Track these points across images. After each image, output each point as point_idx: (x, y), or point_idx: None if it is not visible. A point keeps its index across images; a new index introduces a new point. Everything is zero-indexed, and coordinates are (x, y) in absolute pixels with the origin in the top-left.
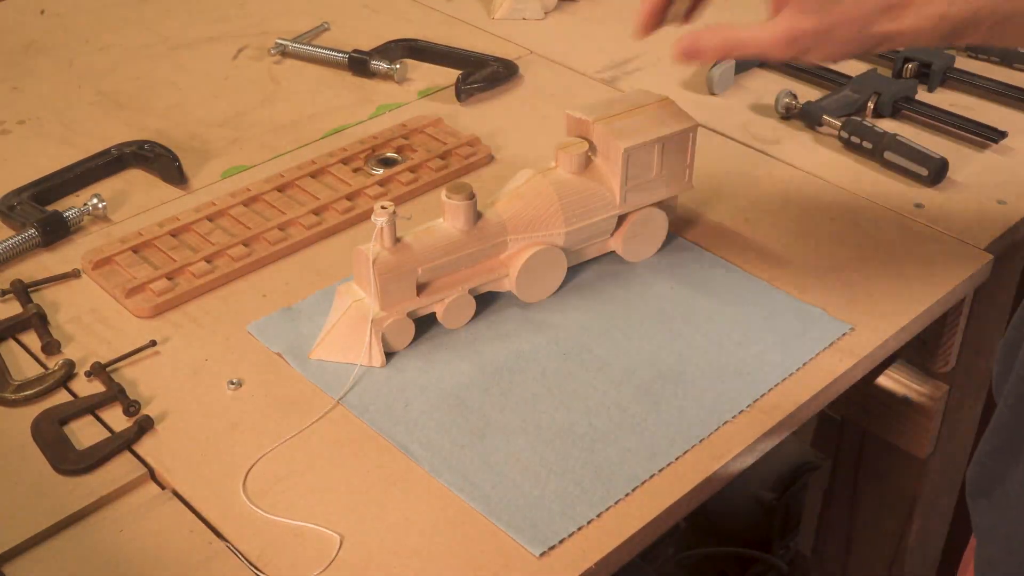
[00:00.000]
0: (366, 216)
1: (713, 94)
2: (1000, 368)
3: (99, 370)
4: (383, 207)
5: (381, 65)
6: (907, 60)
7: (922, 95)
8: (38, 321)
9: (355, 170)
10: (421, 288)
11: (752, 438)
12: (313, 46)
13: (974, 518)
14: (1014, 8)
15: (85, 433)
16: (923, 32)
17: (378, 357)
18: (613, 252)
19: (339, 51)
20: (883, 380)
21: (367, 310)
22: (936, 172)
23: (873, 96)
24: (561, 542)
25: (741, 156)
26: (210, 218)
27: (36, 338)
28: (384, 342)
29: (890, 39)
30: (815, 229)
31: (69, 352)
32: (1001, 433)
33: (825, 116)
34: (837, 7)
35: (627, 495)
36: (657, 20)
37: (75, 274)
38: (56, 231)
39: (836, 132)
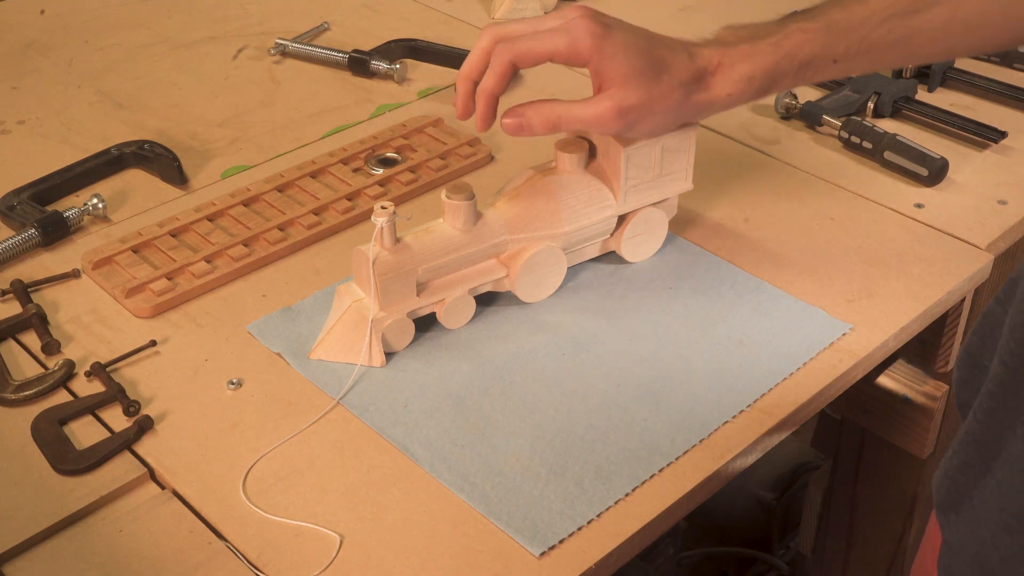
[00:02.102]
0: (366, 216)
1: None
2: (961, 374)
3: (99, 370)
4: (383, 207)
5: (381, 65)
6: None
7: (922, 95)
8: (38, 321)
9: (355, 170)
10: (421, 288)
11: (752, 438)
12: (313, 46)
13: (943, 532)
14: (811, 53)
15: (85, 433)
16: (736, 94)
17: (378, 357)
18: (613, 252)
19: (339, 51)
20: (883, 380)
21: (367, 310)
22: (936, 172)
23: (873, 96)
24: (561, 542)
25: (741, 156)
26: (210, 218)
27: (36, 338)
28: (384, 342)
29: (709, 106)
30: (815, 229)
31: (69, 352)
32: (970, 448)
33: (825, 116)
34: (654, 86)
35: (627, 495)
36: (473, 104)
37: (75, 274)
38: (56, 231)
39: (836, 132)
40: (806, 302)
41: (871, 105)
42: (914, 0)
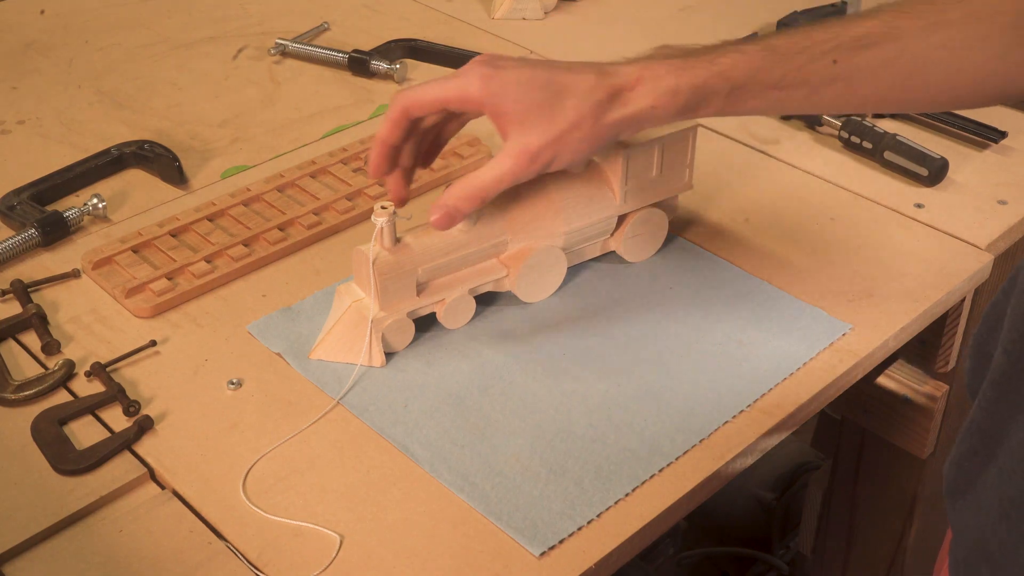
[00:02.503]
0: (366, 216)
1: None
2: (972, 364)
3: (99, 370)
4: (383, 207)
5: (381, 65)
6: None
7: None
8: (38, 321)
9: (355, 170)
10: (421, 288)
11: (752, 438)
12: (313, 46)
13: (950, 518)
14: (745, 76)
15: (85, 433)
16: (659, 109)
17: (378, 357)
18: (613, 252)
19: (339, 51)
20: (883, 380)
21: (367, 310)
22: (936, 172)
23: None
24: (561, 542)
25: (741, 156)
26: (210, 218)
27: (36, 338)
28: (384, 342)
29: (629, 123)
30: (815, 229)
31: (69, 352)
32: (975, 436)
33: (825, 116)
34: (558, 115)
35: (627, 495)
36: (386, 166)
37: (75, 274)
38: (56, 231)
39: (836, 132)
40: (806, 302)
41: None
42: (859, 38)
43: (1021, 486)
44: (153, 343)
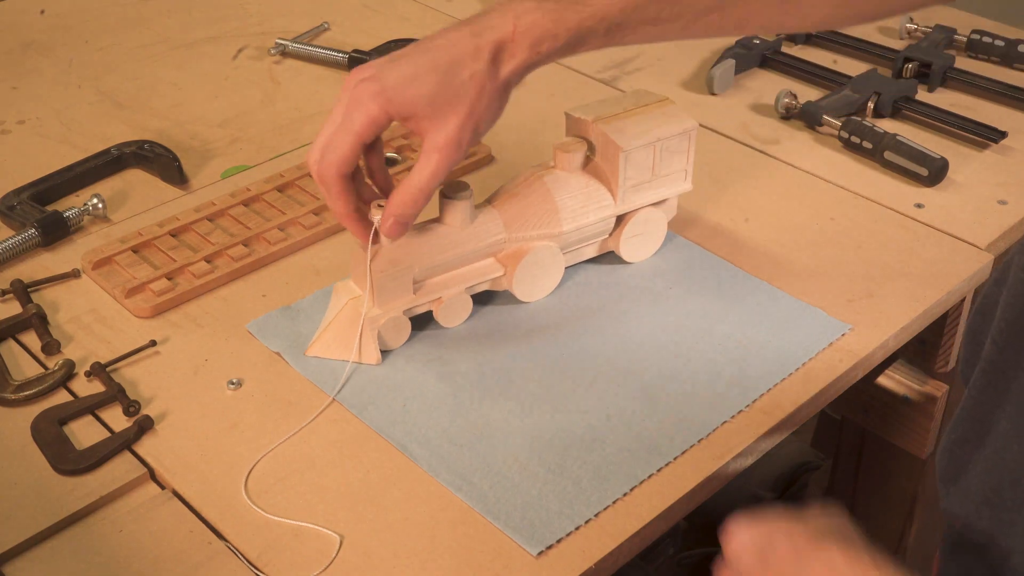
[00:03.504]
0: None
1: (713, 94)
2: (965, 353)
3: (99, 370)
4: (380, 205)
5: None
6: (907, 60)
7: (922, 95)
8: (38, 321)
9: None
10: (418, 286)
11: (752, 438)
12: (313, 46)
13: (942, 504)
14: (623, 16)
15: (85, 433)
16: (543, 54)
17: (373, 355)
18: (612, 252)
19: (339, 51)
20: (883, 380)
21: (363, 307)
22: (936, 172)
23: (873, 96)
24: (559, 542)
25: (741, 156)
26: (210, 218)
27: (36, 338)
28: (380, 340)
29: (520, 72)
30: (815, 229)
31: (69, 352)
32: (966, 423)
33: (825, 116)
34: (460, 93)
35: (626, 495)
36: (361, 224)
37: (75, 274)
38: (56, 231)
39: (836, 132)
40: (806, 302)
41: (871, 105)
42: None
43: (1003, 473)
44: (153, 343)
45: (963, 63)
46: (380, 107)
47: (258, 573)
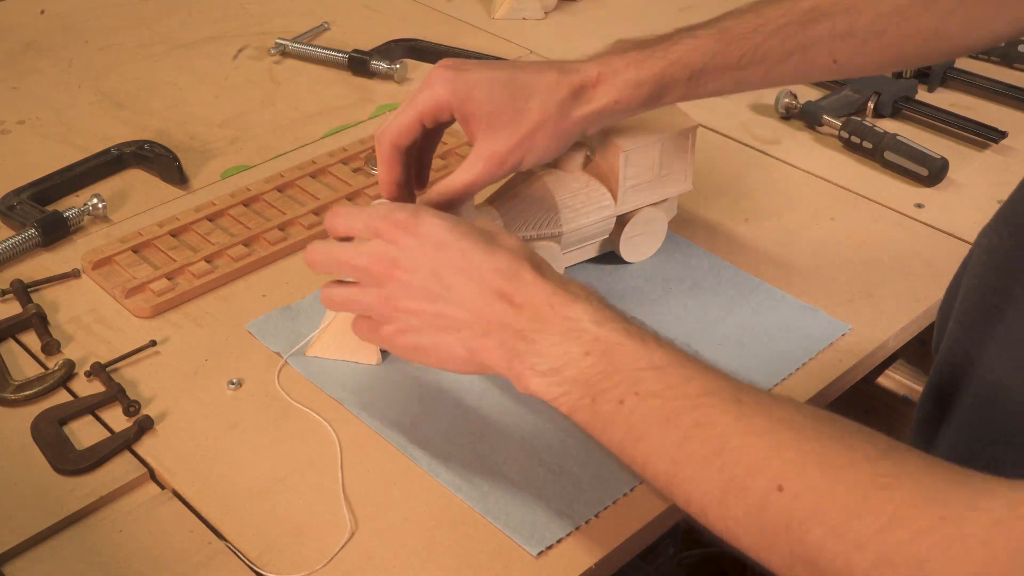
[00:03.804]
0: None
1: None
2: (936, 333)
3: (99, 370)
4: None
5: (381, 65)
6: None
7: (922, 95)
8: (38, 321)
9: (355, 170)
10: None
11: None
12: (313, 46)
13: None
14: (702, 61)
15: (85, 433)
16: (623, 103)
17: (373, 355)
18: (613, 252)
19: (339, 51)
20: (883, 380)
21: None
22: (936, 172)
23: (873, 96)
24: (559, 542)
25: (741, 156)
26: (210, 218)
27: (36, 338)
28: None
29: (594, 119)
30: (815, 229)
31: (69, 352)
32: (931, 401)
33: (825, 116)
34: (523, 116)
35: (626, 495)
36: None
37: (75, 274)
38: (56, 231)
39: (836, 132)
40: (806, 302)
41: (871, 105)
42: (809, 11)
43: (964, 451)
44: (153, 343)
45: (963, 63)
46: (446, 93)
47: (258, 573)
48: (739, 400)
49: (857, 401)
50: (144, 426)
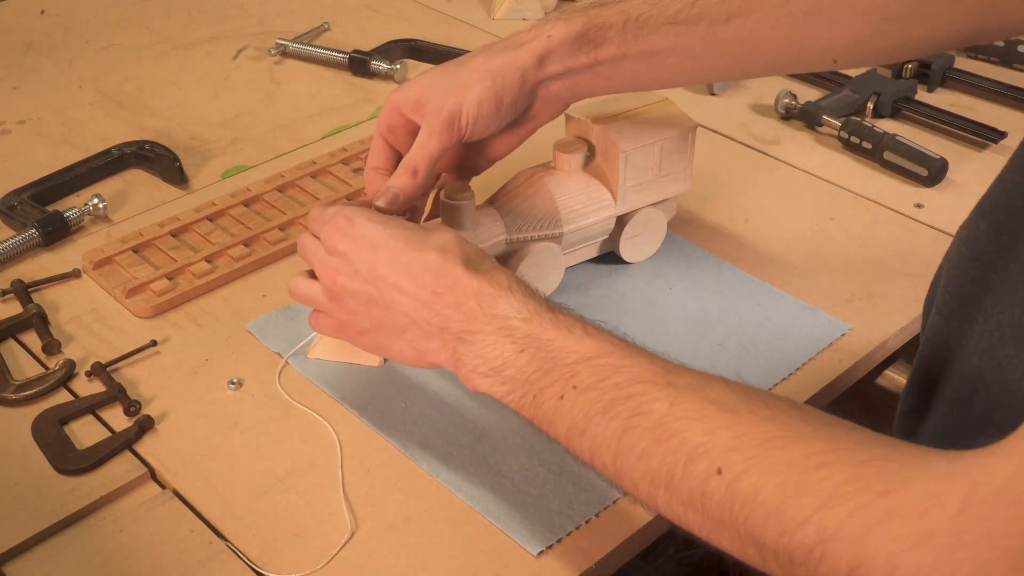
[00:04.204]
0: None
1: (713, 94)
2: (921, 328)
3: (99, 370)
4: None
5: (381, 65)
6: (906, 60)
7: (922, 95)
8: (38, 321)
9: (355, 170)
10: None
11: None
12: (313, 46)
13: None
14: (640, 11)
15: (85, 433)
16: (554, 39)
17: (375, 357)
18: (612, 252)
19: (339, 51)
20: (883, 380)
21: None
22: (936, 172)
23: (873, 96)
24: (559, 542)
25: (741, 156)
26: (210, 218)
27: (36, 338)
28: None
29: (526, 60)
30: (815, 229)
31: (69, 352)
32: (914, 392)
33: (825, 116)
34: (457, 77)
35: (626, 494)
36: (376, 185)
37: (75, 274)
38: (56, 231)
39: (836, 132)
40: (806, 302)
41: (871, 105)
42: None
43: (946, 443)
44: (153, 343)
45: (962, 63)
46: (392, 100)
47: (258, 573)
48: (672, 384)
49: (857, 401)
50: (144, 426)
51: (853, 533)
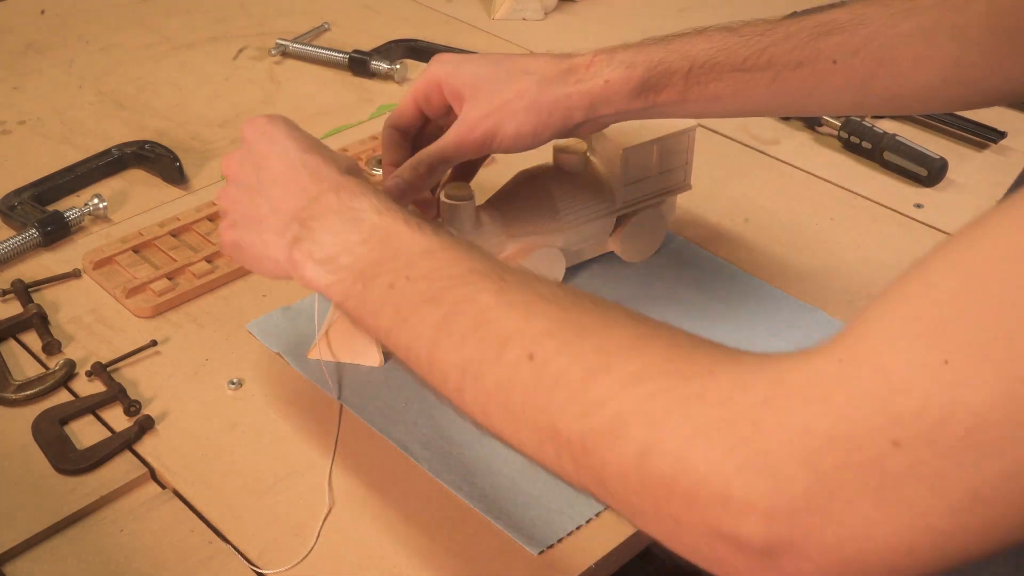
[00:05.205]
0: None
1: None
2: None
3: (100, 370)
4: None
5: (381, 65)
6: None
7: None
8: (39, 321)
9: None
10: None
11: None
12: (313, 46)
13: None
14: (707, 55)
15: (85, 433)
16: (613, 83)
17: (376, 356)
18: (612, 252)
19: (339, 51)
20: None
21: None
22: (936, 172)
23: None
24: (560, 541)
25: (741, 156)
26: (210, 218)
27: (37, 338)
28: None
29: (579, 99)
30: (815, 229)
31: (70, 352)
32: None
33: (824, 116)
34: (505, 87)
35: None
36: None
37: (76, 274)
38: (57, 231)
39: (836, 132)
40: (806, 302)
41: None
42: (824, 23)
43: None
44: (154, 343)
45: None
46: (438, 71)
47: (258, 573)
48: (502, 278)
49: None
50: (145, 426)
51: (649, 415)
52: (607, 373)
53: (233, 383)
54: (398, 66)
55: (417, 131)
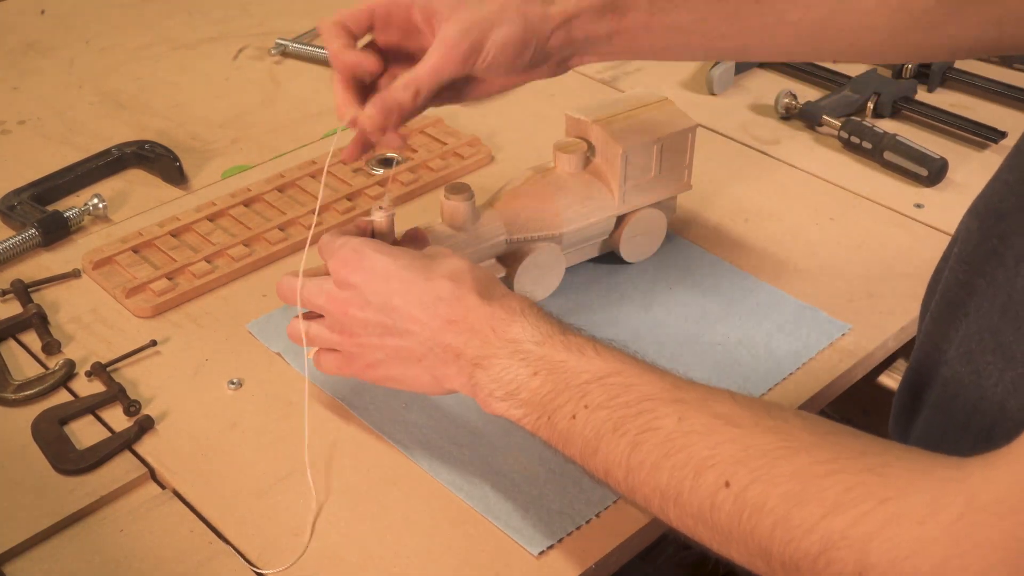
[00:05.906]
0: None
1: (713, 94)
2: (918, 325)
3: (99, 370)
4: (380, 207)
5: None
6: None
7: (922, 95)
8: (38, 321)
9: (355, 170)
10: None
11: None
12: (313, 46)
13: None
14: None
15: (85, 433)
16: (584, 2)
17: None
18: (612, 252)
19: None
20: (883, 380)
21: None
22: (936, 172)
23: (873, 96)
24: (560, 542)
25: (741, 156)
26: (210, 218)
27: (36, 338)
28: None
29: (556, 19)
30: (815, 229)
31: (69, 352)
32: (906, 393)
33: (825, 116)
34: (485, 3)
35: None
36: (352, 99)
37: (75, 274)
38: (56, 231)
39: (836, 132)
40: (806, 302)
41: (871, 105)
42: None
43: (932, 447)
44: (153, 343)
45: (962, 63)
46: None
47: (258, 573)
48: (679, 400)
49: (857, 401)
50: (144, 426)
51: (856, 540)
52: (807, 502)
53: (233, 383)
54: None
55: (373, 79)
